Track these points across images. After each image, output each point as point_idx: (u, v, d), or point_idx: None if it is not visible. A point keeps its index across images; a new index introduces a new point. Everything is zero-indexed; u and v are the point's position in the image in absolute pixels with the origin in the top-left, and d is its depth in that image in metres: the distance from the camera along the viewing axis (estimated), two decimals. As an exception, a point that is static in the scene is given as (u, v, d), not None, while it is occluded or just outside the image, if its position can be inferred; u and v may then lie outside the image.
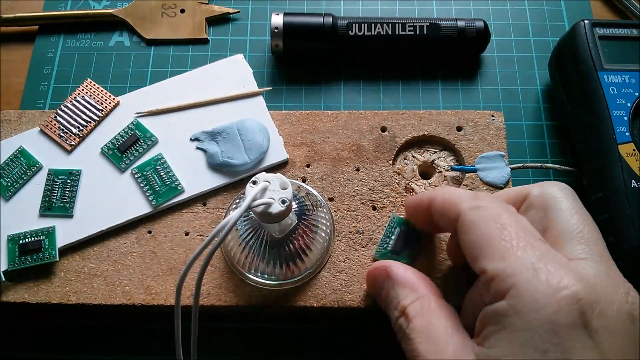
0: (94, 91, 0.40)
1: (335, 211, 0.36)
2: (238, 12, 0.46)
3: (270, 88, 0.42)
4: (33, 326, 0.36)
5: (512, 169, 0.37)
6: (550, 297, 0.22)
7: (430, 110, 0.39)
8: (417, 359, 0.25)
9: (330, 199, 0.36)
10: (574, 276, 0.22)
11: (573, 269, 0.23)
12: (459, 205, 0.27)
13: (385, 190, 0.36)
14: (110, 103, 0.39)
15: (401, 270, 0.29)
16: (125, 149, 0.38)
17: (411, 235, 0.33)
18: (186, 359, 0.30)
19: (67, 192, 0.36)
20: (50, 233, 0.35)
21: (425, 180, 0.37)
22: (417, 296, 0.28)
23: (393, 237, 0.33)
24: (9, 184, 0.37)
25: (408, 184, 0.37)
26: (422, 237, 0.34)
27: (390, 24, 0.42)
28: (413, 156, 0.38)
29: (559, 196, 0.27)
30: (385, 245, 0.33)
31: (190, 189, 0.36)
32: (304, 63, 0.44)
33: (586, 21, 0.38)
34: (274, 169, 0.37)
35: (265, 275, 0.33)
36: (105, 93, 0.40)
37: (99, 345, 0.36)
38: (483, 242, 0.25)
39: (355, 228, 0.35)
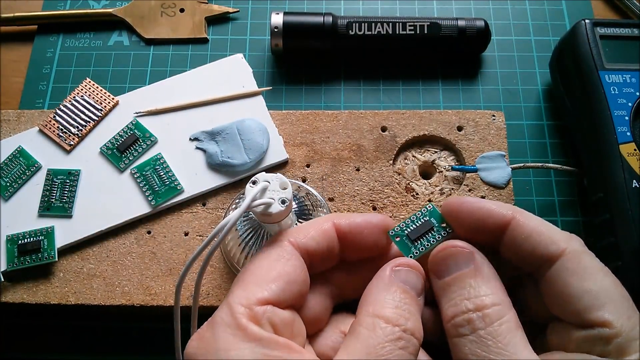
0: (93, 91, 0.40)
1: (335, 211, 0.36)
2: (238, 11, 0.46)
3: (270, 88, 0.42)
4: (32, 326, 0.36)
5: (513, 168, 0.37)
6: None
7: (431, 110, 0.39)
8: None
9: (331, 199, 0.36)
10: None
11: None
12: (562, 242, 0.25)
13: (385, 190, 0.36)
14: (109, 103, 0.39)
15: (488, 264, 0.26)
16: (125, 149, 0.38)
17: (436, 232, 0.29)
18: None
19: (66, 192, 0.36)
20: (49, 233, 0.35)
21: (425, 180, 0.37)
22: (499, 301, 0.24)
23: (417, 224, 0.29)
24: (8, 184, 0.37)
25: (408, 184, 0.37)
26: (441, 239, 0.29)
27: (390, 24, 0.41)
28: (413, 156, 0.38)
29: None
30: (404, 228, 0.29)
31: (190, 189, 0.36)
32: (303, 63, 0.44)
33: (587, 21, 0.38)
34: (273, 169, 0.37)
35: (265, 276, 0.33)
36: (105, 93, 0.40)
37: (99, 345, 0.36)
38: (605, 292, 0.23)
39: (355, 228, 0.35)
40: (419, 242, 0.29)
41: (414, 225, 0.29)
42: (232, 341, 0.23)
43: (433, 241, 0.29)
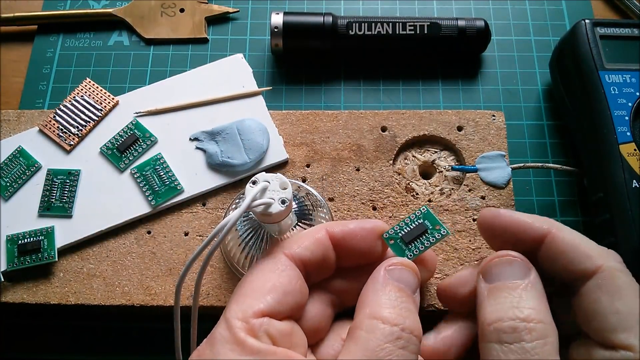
0: (93, 91, 0.40)
1: (335, 211, 0.36)
2: (238, 11, 0.46)
3: (270, 88, 0.42)
4: (32, 326, 0.36)
5: (513, 168, 0.37)
6: None
7: (431, 110, 0.39)
8: None
9: (330, 199, 0.36)
10: None
11: None
12: (594, 258, 0.25)
13: (385, 191, 0.36)
14: (109, 103, 0.39)
15: (540, 283, 0.25)
16: (125, 149, 0.38)
17: (430, 235, 0.29)
18: (186, 360, 0.30)
19: (66, 192, 0.36)
20: (49, 233, 0.35)
21: (425, 180, 0.37)
22: (547, 320, 0.24)
23: (411, 227, 0.29)
24: (8, 184, 0.37)
25: (408, 184, 0.37)
26: (435, 241, 0.30)
27: (390, 24, 0.41)
28: (413, 156, 0.38)
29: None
30: (399, 230, 0.29)
31: (190, 189, 0.36)
32: (304, 62, 0.44)
33: (587, 21, 0.38)
34: (273, 169, 0.37)
35: (265, 276, 0.33)
36: (105, 93, 0.40)
37: (99, 345, 0.36)
38: (632, 315, 0.23)
39: (355, 228, 0.35)
40: (413, 244, 0.29)
41: (407, 228, 0.29)
42: (231, 356, 0.23)
43: (427, 244, 0.29)
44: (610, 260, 0.25)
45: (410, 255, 0.29)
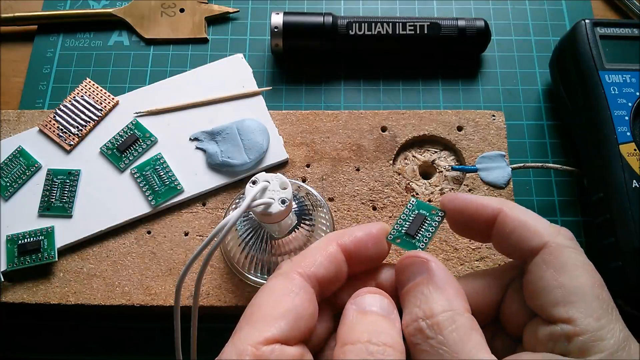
0: (93, 91, 0.40)
1: (335, 211, 0.36)
2: (238, 11, 0.46)
3: (270, 88, 0.42)
4: (32, 326, 0.36)
5: (513, 168, 0.37)
6: None
7: (431, 110, 0.39)
8: None
9: (330, 199, 0.36)
10: None
11: None
12: (544, 235, 0.24)
13: (385, 190, 0.36)
14: (109, 103, 0.39)
15: (443, 272, 0.25)
16: (125, 149, 0.38)
17: (431, 220, 0.29)
18: (186, 360, 0.30)
19: (66, 192, 0.36)
20: (49, 233, 0.35)
21: (425, 180, 0.37)
22: (450, 307, 0.24)
23: (410, 220, 0.29)
24: (8, 184, 0.37)
25: (408, 184, 0.37)
26: (438, 224, 0.30)
27: (390, 24, 0.41)
28: (413, 156, 0.38)
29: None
30: (400, 228, 0.29)
31: (190, 189, 0.36)
32: (303, 63, 0.44)
33: (587, 21, 0.38)
34: (273, 168, 0.37)
35: (265, 276, 0.33)
36: (105, 93, 0.40)
37: (99, 345, 0.36)
38: (577, 289, 0.23)
39: (355, 228, 0.35)
40: (419, 234, 0.29)
41: (407, 223, 0.29)
42: None
43: (432, 229, 0.29)
44: (558, 237, 0.25)
45: (422, 245, 0.28)
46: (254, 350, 0.22)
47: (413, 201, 0.30)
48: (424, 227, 0.29)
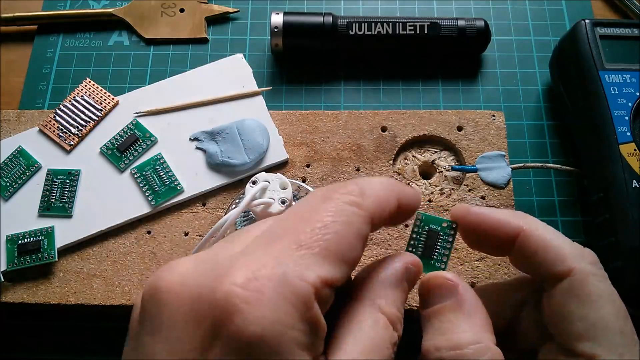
0: (93, 91, 0.40)
1: (335, 211, 0.36)
2: (238, 11, 0.46)
3: (270, 88, 0.42)
4: (32, 326, 0.36)
5: (513, 168, 0.37)
6: None
7: (431, 110, 0.39)
8: None
9: (330, 199, 0.36)
10: None
11: None
12: (571, 260, 0.23)
13: (385, 190, 0.36)
14: (109, 103, 0.39)
15: (472, 298, 0.24)
16: (125, 149, 0.38)
17: (444, 235, 0.27)
18: None
19: (66, 192, 0.36)
20: (49, 233, 0.35)
21: (425, 180, 0.37)
22: (477, 339, 0.22)
23: (423, 240, 0.27)
24: (8, 184, 0.37)
25: (408, 184, 0.37)
26: (453, 238, 0.27)
27: (390, 24, 0.41)
28: (413, 156, 0.38)
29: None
30: (415, 251, 0.27)
31: (190, 189, 0.36)
32: (303, 63, 0.44)
33: (587, 21, 0.38)
34: (273, 169, 0.37)
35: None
36: (105, 93, 0.40)
37: (99, 345, 0.36)
38: (601, 323, 0.22)
39: (355, 228, 0.35)
40: (436, 253, 0.27)
41: (421, 244, 0.27)
42: (288, 319, 0.18)
43: (448, 245, 0.27)
44: (584, 262, 0.23)
45: (442, 265, 0.26)
46: (312, 289, 0.19)
47: (420, 216, 0.27)
48: (438, 244, 0.27)
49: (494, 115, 0.38)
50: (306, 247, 0.20)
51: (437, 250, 0.27)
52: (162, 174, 0.37)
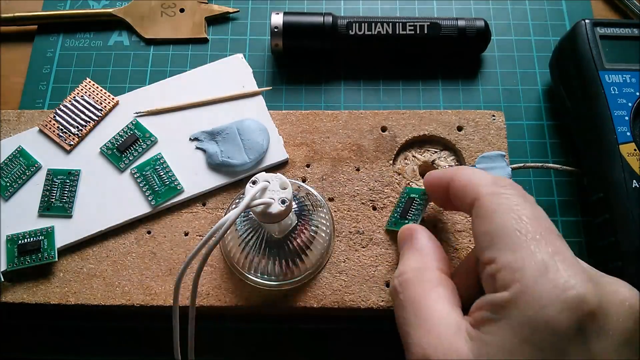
0: (93, 91, 0.40)
1: (335, 211, 0.36)
2: (238, 11, 0.46)
3: (270, 88, 0.42)
4: (33, 326, 0.36)
5: (513, 169, 0.37)
6: (555, 297, 0.21)
7: (431, 110, 0.39)
8: (403, 328, 0.25)
9: (330, 199, 0.36)
10: (583, 276, 0.22)
11: (586, 269, 0.23)
12: (478, 189, 0.26)
13: (385, 191, 0.36)
14: (109, 103, 0.39)
15: (424, 238, 0.29)
16: (125, 149, 0.38)
17: (419, 200, 0.34)
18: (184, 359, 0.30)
19: (66, 192, 0.36)
20: (49, 233, 0.35)
21: (425, 180, 0.37)
22: (420, 265, 0.27)
23: (402, 205, 0.34)
24: (8, 184, 0.37)
25: (408, 184, 0.37)
26: (426, 202, 0.34)
27: (390, 24, 0.41)
28: (413, 156, 0.38)
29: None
30: (395, 214, 0.34)
31: (190, 189, 0.36)
32: (303, 62, 0.44)
33: (587, 21, 0.38)
34: (273, 169, 0.37)
35: (265, 276, 0.33)
36: (105, 93, 0.40)
37: (99, 345, 0.36)
38: (497, 231, 0.24)
39: (355, 228, 0.35)
40: (410, 214, 0.34)
41: (400, 208, 0.34)
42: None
43: (421, 207, 0.33)
44: (492, 187, 0.26)
45: (417, 220, 0.33)
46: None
47: (405, 189, 0.34)
48: (413, 207, 0.34)
49: (494, 115, 0.38)
50: None
51: (412, 212, 0.34)
52: (162, 174, 0.37)
